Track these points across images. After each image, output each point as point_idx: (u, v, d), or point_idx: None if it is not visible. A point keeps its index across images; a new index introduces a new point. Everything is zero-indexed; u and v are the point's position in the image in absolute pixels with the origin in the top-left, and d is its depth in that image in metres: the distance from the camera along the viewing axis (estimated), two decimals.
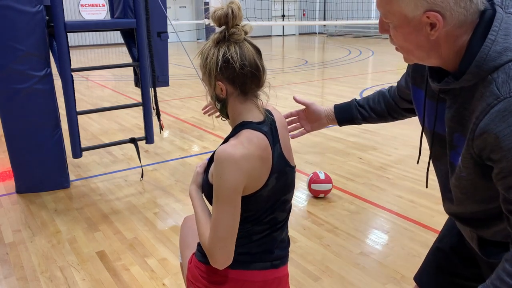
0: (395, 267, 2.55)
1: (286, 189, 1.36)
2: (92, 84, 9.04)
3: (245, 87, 1.28)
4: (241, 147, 1.22)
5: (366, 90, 7.81)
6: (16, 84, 3.27)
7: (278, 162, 1.31)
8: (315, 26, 23.71)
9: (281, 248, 1.41)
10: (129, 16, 3.59)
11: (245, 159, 1.21)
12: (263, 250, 1.36)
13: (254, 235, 1.33)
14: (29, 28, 3.20)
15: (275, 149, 1.30)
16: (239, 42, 1.26)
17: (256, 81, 1.30)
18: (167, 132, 5.44)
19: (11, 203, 3.46)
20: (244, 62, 1.25)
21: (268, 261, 1.37)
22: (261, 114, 1.32)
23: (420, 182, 3.73)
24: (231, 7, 1.24)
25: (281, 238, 1.41)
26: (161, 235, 2.95)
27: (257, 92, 1.33)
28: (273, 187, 1.30)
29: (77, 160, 4.17)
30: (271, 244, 1.37)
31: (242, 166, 1.20)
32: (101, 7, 17.61)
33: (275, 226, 1.37)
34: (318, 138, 5.03)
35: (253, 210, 1.30)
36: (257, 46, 1.31)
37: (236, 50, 1.25)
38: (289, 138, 1.42)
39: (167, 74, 4.25)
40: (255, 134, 1.26)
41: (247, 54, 1.26)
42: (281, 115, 1.42)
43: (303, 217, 3.16)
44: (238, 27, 1.26)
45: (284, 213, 1.39)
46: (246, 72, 1.26)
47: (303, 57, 13.38)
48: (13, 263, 2.65)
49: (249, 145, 1.23)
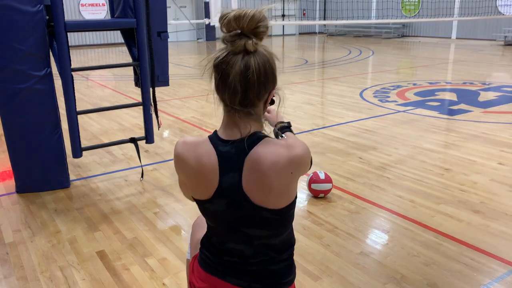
0: (395, 267, 2.55)
1: (245, 222, 1.28)
2: (92, 84, 9.04)
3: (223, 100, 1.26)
4: (185, 144, 1.33)
5: (366, 90, 7.81)
6: (16, 84, 3.27)
7: (229, 190, 1.24)
8: (315, 25, 23.70)
9: (245, 271, 1.34)
10: (129, 15, 3.58)
11: (179, 157, 1.34)
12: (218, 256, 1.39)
13: (210, 236, 1.41)
14: (29, 28, 3.19)
15: (227, 176, 1.24)
16: (254, 52, 1.19)
17: (233, 99, 1.21)
18: (167, 132, 5.44)
19: (11, 203, 3.46)
20: (272, 68, 1.23)
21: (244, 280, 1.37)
22: (237, 134, 1.23)
23: (420, 182, 3.73)
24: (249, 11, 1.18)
25: (242, 262, 1.34)
26: (161, 235, 2.95)
27: (239, 110, 1.23)
28: (222, 209, 1.28)
29: (77, 160, 4.17)
30: (223, 268, 1.37)
31: (177, 161, 1.36)
32: (101, 6, 17.60)
33: (227, 254, 1.35)
34: (318, 138, 5.03)
35: (207, 219, 1.37)
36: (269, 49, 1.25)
37: (258, 60, 1.20)
38: (269, 182, 1.21)
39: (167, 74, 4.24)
40: (208, 146, 1.27)
41: (270, 61, 1.22)
42: (276, 154, 1.21)
43: (303, 217, 3.16)
44: (251, 36, 1.21)
45: (241, 244, 1.31)
46: (275, 76, 1.24)
47: (303, 56, 13.37)
48: (13, 263, 2.65)
49: (193, 148, 1.30)
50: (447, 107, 6.47)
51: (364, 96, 7.30)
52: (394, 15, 19.53)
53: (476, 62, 11.21)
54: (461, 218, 3.08)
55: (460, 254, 2.66)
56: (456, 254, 2.65)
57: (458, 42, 16.84)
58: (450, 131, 5.23)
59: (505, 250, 2.69)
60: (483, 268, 2.51)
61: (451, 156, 4.34)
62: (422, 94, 7.31)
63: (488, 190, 3.54)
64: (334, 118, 5.92)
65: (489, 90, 7.54)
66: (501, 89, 7.64)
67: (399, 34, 19.54)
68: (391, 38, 19.20)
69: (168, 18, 4.11)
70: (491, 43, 15.93)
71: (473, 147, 4.60)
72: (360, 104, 6.77)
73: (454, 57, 12.44)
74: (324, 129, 5.43)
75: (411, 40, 18.22)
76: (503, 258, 2.60)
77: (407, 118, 5.83)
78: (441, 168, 4.02)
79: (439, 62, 11.37)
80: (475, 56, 12.37)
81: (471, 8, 16.22)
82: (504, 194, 3.47)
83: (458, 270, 2.50)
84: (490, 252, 2.67)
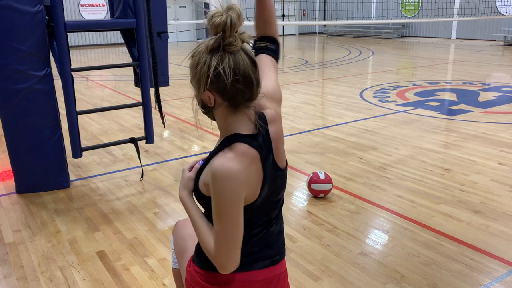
0: (395, 267, 2.55)
1: (277, 191, 1.36)
2: (92, 84, 9.04)
3: (235, 101, 1.23)
4: (238, 160, 1.19)
5: (366, 90, 7.81)
6: (16, 84, 3.27)
7: (271, 172, 1.28)
8: (315, 26, 23.70)
9: (279, 240, 1.42)
10: (129, 16, 3.59)
11: (242, 172, 1.18)
12: (263, 247, 1.36)
13: (252, 237, 1.33)
14: (29, 28, 3.19)
15: (268, 161, 1.26)
16: (235, 52, 1.19)
17: (248, 95, 1.23)
18: (167, 132, 5.44)
19: (11, 203, 3.46)
20: (237, 77, 1.18)
21: (269, 258, 1.38)
22: (253, 124, 1.26)
23: (420, 182, 3.73)
24: (230, 15, 1.15)
25: (278, 230, 1.42)
26: (161, 235, 2.95)
27: (249, 104, 1.26)
28: (266, 194, 1.30)
29: (77, 160, 4.17)
30: (269, 240, 1.38)
31: (241, 179, 1.18)
32: (101, 7, 17.60)
33: (270, 223, 1.37)
34: (318, 138, 5.03)
35: (249, 217, 1.29)
36: (254, 57, 1.23)
37: (230, 63, 1.17)
38: (283, 141, 1.36)
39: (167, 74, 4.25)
40: (247, 149, 1.22)
41: (241, 67, 1.18)
42: (274, 115, 1.34)
43: (303, 217, 3.16)
44: (235, 35, 1.18)
45: (276, 209, 1.39)
46: (237, 88, 1.19)
47: (303, 57, 13.37)
48: (13, 263, 2.65)
49: (244, 158, 1.20)
50: (447, 107, 6.47)
51: (364, 96, 7.30)
52: (394, 16, 19.54)
53: (476, 62, 11.22)
54: (461, 218, 3.08)
55: (460, 254, 2.66)
56: (456, 254, 2.65)
57: (458, 42, 16.84)
58: (450, 131, 5.23)
59: (505, 250, 2.69)
60: (483, 268, 2.51)
61: (451, 156, 4.34)
62: (422, 94, 7.32)
63: (488, 190, 3.54)
64: (334, 118, 5.92)
65: (489, 90, 7.55)
66: (501, 89, 7.65)
67: (399, 35, 19.55)
68: (391, 38, 19.20)
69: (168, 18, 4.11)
70: (491, 44, 15.93)
71: (473, 147, 4.60)
72: (360, 104, 6.77)
73: (454, 58, 12.44)
74: (324, 129, 5.43)
75: (411, 40, 18.22)
76: (503, 258, 2.60)
77: (407, 118, 5.83)
78: (441, 168, 4.02)
79: (439, 62, 11.37)
80: (475, 57, 12.37)
81: (471, 8, 16.23)
82: (504, 194, 3.47)
83: (458, 270, 2.50)
84: (490, 252, 2.67)
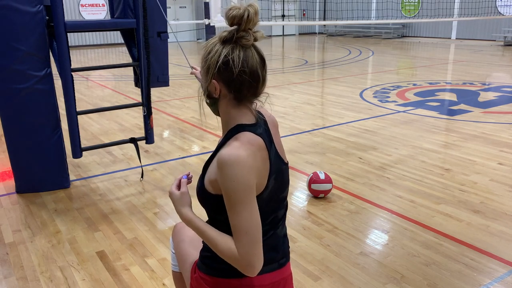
0: (395, 267, 2.55)
1: (283, 187, 1.37)
2: (92, 84, 9.04)
3: (240, 94, 1.26)
4: (244, 147, 1.21)
5: (366, 90, 7.81)
6: (16, 84, 3.27)
7: (275, 162, 1.30)
8: (315, 26, 23.70)
9: (284, 242, 1.43)
10: (129, 16, 3.58)
11: (251, 158, 1.21)
12: (270, 249, 1.36)
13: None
14: (29, 28, 3.19)
15: (272, 149, 1.30)
16: (246, 47, 1.23)
17: (253, 90, 1.27)
18: (167, 132, 5.44)
19: (11, 203, 3.46)
20: (244, 69, 1.22)
21: (276, 261, 1.37)
22: (253, 116, 1.31)
23: (420, 182, 3.73)
24: (248, 9, 1.20)
25: (283, 233, 1.42)
26: (161, 235, 2.95)
27: (252, 100, 1.30)
28: (273, 187, 1.30)
29: (77, 160, 4.17)
30: (276, 242, 1.38)
31: (251, 164, 1.20)
32: (101, 7, 17.60)
33: (276, 224, 1.37)
34: (318, 138, 5.03)
35: (264, 217, 1.30)
36: (263, 56, 1.27)
37: (240, 55, 1.21)
38: (279, 136, 1.41)
39: (167, 74, 4.24)
40: (252, 136, 1.25)
41: (250, 61, 1.22)
42: (269, 113, 1.42)
43: (303, 217, 3.16)
44: (249, 31, 1.22)
45: (283, 209, 1.40)
46: (244, 79, 1.22)
47: (303, 57, 13.37)
48: (13, 263, 2.65)
49: (251, 146, 1.23)
50: (447, 107, 6.47)
51: (364, 96, 7.30)
52: (394, 16, 19.54)
53: (476, 62, 11.22)
54: (461, 218, 3.08)
55: (460, 254, 2.66)
56: (456, 254, 2.65)
57: (458, 42, 16.84)
58: (450, 131, 5.23)
59: (505, 250, 2.69)
60: (483, 268, 2.51)
61: (451, 156, 4.34)
62: (422, 95, 7.32)
63: (488, 190, 3.54)
64: (334, 118, 5.92)
65: (489, 90, 7.55)
66: (500, 89, 7.65)
67: (399, 35, 19.55)
68: (391, 38, 19.20)
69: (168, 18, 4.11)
70: (491, 44, 15.93)
71: (473, 147, 4.60)
72: (360, 104, 6.77)
73: (454, 58, 12.44)
74: (324, 129, 5.43)
75: (411, 40, 18.22)
76: (503, 258, 2.60)
77: (407, 118, 5.83)
78: (441, 168, 4.02)
79: (439, 62, 11.37)
80: (475, 57, 12.37)
81: (471, 8, 16.23)
82: (504, 194, 3.47)
83: (458, 270, 2.50)
84: (490, 252, 2.67)
